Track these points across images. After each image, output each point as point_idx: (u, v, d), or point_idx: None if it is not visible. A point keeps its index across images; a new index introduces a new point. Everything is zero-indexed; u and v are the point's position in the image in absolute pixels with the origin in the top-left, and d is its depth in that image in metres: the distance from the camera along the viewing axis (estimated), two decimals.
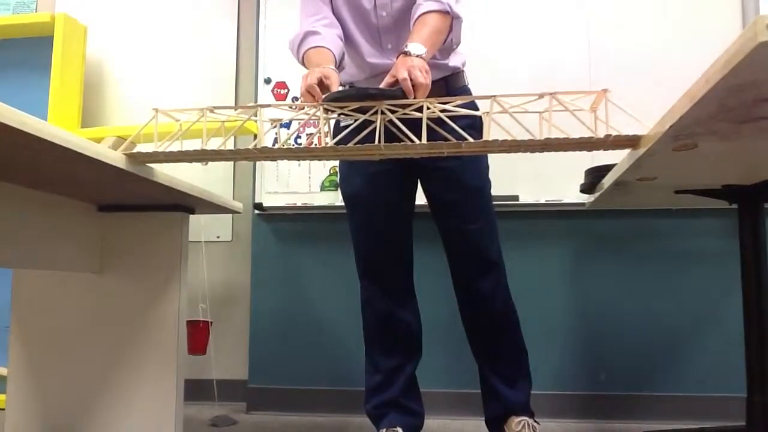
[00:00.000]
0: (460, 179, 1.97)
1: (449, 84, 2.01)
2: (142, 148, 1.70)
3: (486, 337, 2.04)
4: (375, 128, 1.45)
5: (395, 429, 1.96)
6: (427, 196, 2.07)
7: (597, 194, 2.11)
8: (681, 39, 2.55)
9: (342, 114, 1.54)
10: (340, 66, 1.91)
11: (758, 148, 1.35)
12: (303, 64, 1.94)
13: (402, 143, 1.46)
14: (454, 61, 2.03)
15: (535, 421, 1.98)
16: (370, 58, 1.98)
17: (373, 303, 2.06)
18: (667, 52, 2.53)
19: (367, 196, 2.02)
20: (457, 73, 2.04)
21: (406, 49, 1.70)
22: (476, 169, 2.01)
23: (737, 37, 0.85)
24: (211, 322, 2.55)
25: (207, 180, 2.48)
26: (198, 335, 2.50)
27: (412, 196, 2.10)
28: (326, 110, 1.54)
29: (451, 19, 1.86)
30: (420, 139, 1.42)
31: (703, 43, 2.44)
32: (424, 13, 1.81)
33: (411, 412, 2.04)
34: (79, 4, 3.04)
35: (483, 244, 2.00)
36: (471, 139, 1.44)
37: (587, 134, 1.40)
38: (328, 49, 1.87)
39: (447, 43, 1.93)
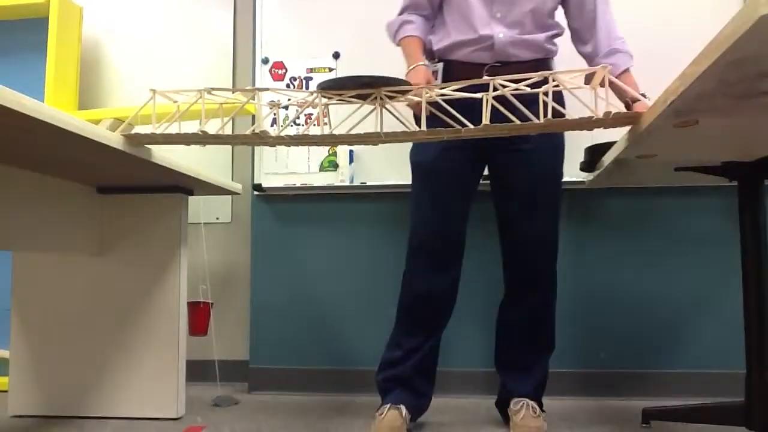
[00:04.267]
0: (528, 165, 2.00)
1: (539, 67, 1.97)
2: (140, 129, 1.70)
3: (520, 323, 2.09)
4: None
5: (398, 407, 1.97)
6: (491, 178, 2.10)
7: (597, 172, 2.10)
8: (680, 14, 2.53)
9: (341, 101, 1.54)
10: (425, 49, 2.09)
11: (759, 124, 1.34)
12: (398, 44, 2.13)
13: (402, 130, 1.45)
14: (549, 45, 2.06)
15: (541, 408, 2.01)
16: (478, 22, 2.01)
17: (416, 279, 2.06)
18: (667, 27, 2.51)
19: (436, 167, 2.03)
20: (548, 59, 2.08)
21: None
22: (549, 156, 2.03)
23: (738, 11, 0.84)
24: (212, 303, 2.55)
25: (205, 161, 2.48)
26: (199, 316, 2.51)
27: (478, 176, 2.11)
28: (324, 97, 1.53)
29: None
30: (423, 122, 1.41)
31: (703, 18, 2.42)
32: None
33: (418, 392, 2.05)
34: None
35: (541, 231, 2.04)
36: (470, 125, 1.43)
37: (587, 113, 1.39)
38: (419, 38, 2.07)
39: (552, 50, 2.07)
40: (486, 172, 2.12)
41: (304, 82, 2.72)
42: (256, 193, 2.75)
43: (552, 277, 2.09)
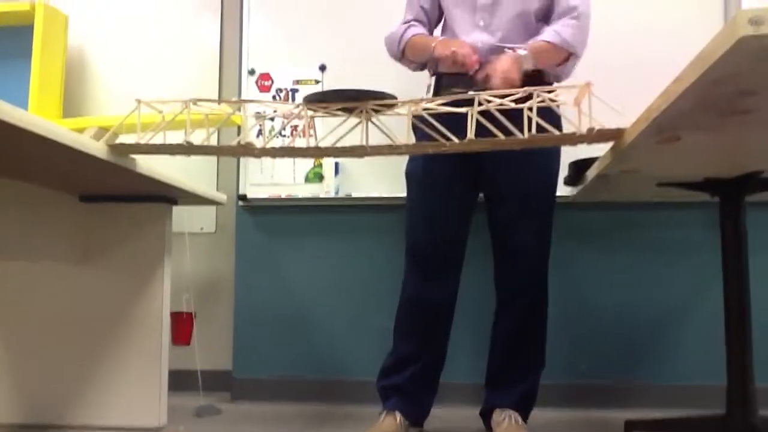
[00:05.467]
0: (517, 170, 1.98)
1: (531, 79, 1.97)
2: (124, 139, 1.69)
3: (509, 337, 2.07)
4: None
5: (394, 413, 1.98)
6: (482, 184, 2.09)
7: (581, 186, 2.12)
8: (662, 32, 2.55)
9: (326, 113, 1.54)
10: None
11: (740, 141, 1.36)
12: (402, 52, 2.13)
13: (387, 144, 1.46)
14: None
15: (524, 419, 2.01)
16: (460, 30, 2.03)
17: (407, 287, 2.07)
18: (649, 45, 2.54)
19: (424, 175, 2.04)
20: (540, 70, 2.04)
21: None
22: (541, 163, 2.01)
23: (719, 31, 0.86)
24: (195, 313, 2.54)
25: (190, 170, 2.47)
26: (182, 326, 2.50)
27: (470, 183, 2.08)
28: (310, 109, 1.54)
29: (567, 55, 2.00)
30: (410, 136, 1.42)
31: (685, 37, 2.44)
32: (542, 40, 1.97)
33: (416, 401, 2.05)
34: None
35: (530, 239, 2.02)
36: (455, 139, 1.44)
37: (571, 128, 1.41)
38: (428, 35, 2.11)
39: (555, 72, 2.04)
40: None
41: (290, 93, 2.72)
42: (240, 203, 2.74)
43: (542, 288, 2.07)
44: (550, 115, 1.48)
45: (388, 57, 2.19)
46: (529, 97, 1.43)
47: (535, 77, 2.01)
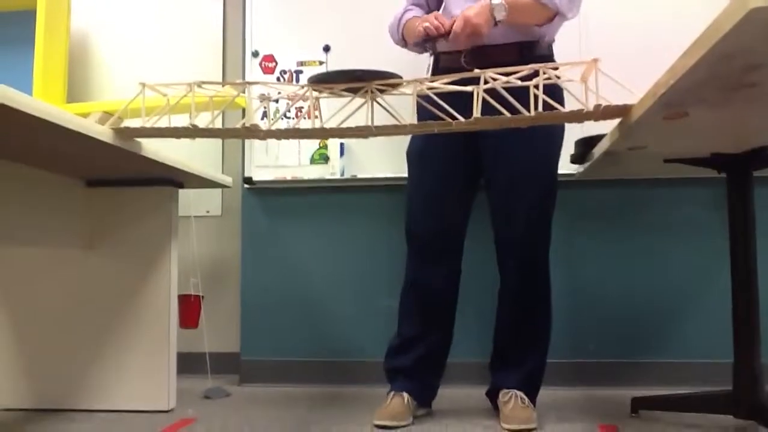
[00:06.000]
0: (518, 148, 1.96)
1: (524, 51, 1.98)
2: (129, 122, 1.69)
3: (513, 317, 2.07)
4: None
5: (401, 394, 1.99)
6: (483, 162, 2.06)
7: (587, 164, 2.11)
8: (671, 6, 2.53)
9: (331, 94, 1.54)
10: None
11: (747, 116, 1.35)
12: (402, 36, 2.12)
13: (392, 124, 1.46)
14: (535, 26, 2.00)
15: (530, 399, 2.00)
16: (456, 8, 1.98)
17: (409, 269, 2.09)
18: (657, 20, 2.52)
19: (423, 155, 2.04)
20: (535, 42, 2.01)
21: None
22: (542, 139, 1.98)
23: (728, 4, 0.85)
24: (203, 296, 2.55)
25: (195, 153, 2.47)
26: (190, 309, 2.50)
27: (471, 162, 2.06)
28: (314, 90, 1.53)
29: (553, 14, 1.94)
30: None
31: (693, 11, 2.42)
32: None
33: (422, 382, 2.07)
34: None
35: (531, 216, 2.02)
36: (461, 118, 1.44)
37: (578, 105, 1.40)
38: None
39: (538, 33, 1.99)
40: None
41: (294, 75, 2.71)
42: (246, 186, 2.74)
43: (544, 269, 2.07)
44: (554, 92, 1.47)
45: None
46: (535, 74, 1.42)
47: (531, 48, 1.99)
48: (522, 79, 1.44)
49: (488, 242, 2.11)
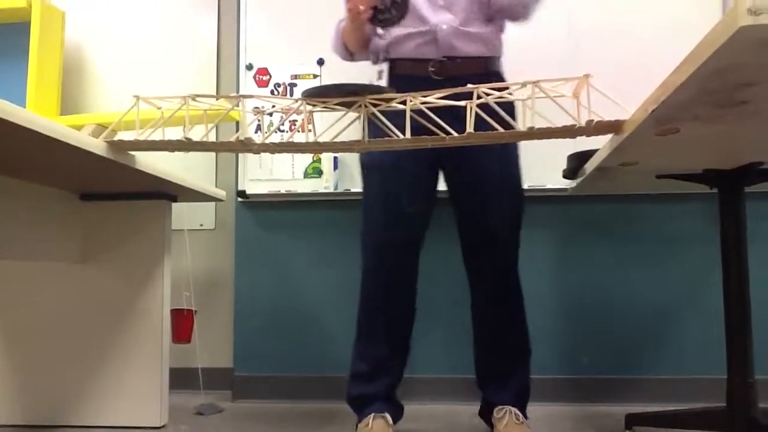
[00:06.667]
0: (482, 160, 1.96)
1: (488, 65, 2.02)
2: (123, 135, 1.69)
3: (491, 329, 2.05)
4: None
5: (383, 415, 1.96)
6: (447, 176, 2.06)
7: (580, 179, 2.12)
8: (662, 23, 2.55)
9: (325, 108, 1.54)
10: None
11: (739, 132, 1.36)
12: (344, 42, 2.11)
13: (386, 138, 1.46)
14: (496, 40, 2.05)
15: (524, 415, 1.99)
16: (421, 10, 1.98)
17: (369, 284, 2.04)
18: (649, 36, 2.54)
19: (386, 164, 1.97)
20: (497, 57, 2.06)
21: None
22: (500, 152, 1.97)
23: (718, 21, 0.85)
24: (196, 311, 2.54)
25: (189, 166, 2.47)
26: (183, 324, 2.49)
27: (434, 176, 2.05)
28: (308, 104, 1.53)
29: None
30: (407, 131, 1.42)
31: (684, 28, 2.44)
32: None
33: (394, 403, 2.04)
34: None
35: (498, 227, 2.00)
36: (454, 133, 1.44)
37: (570, 121, 1.40)
38: None
39: (500, 49, 2.04)
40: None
41: (288, 88, 2.71)
42: (240, 199, 2.74)
43: (515, 276, 2.04)
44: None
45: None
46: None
47: (494, 63, 2.03)
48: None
49: (451, 252, 2.10)
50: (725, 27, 0.83)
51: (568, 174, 2.15)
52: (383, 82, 1.97)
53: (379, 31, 2.06)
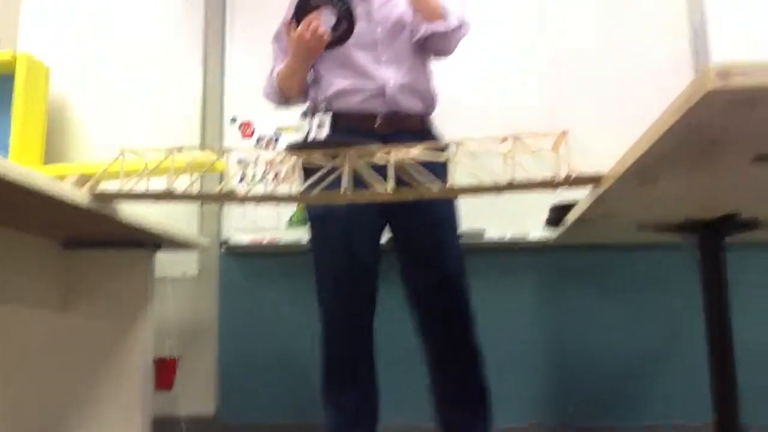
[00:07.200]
0: (428, 211, 1.97)
1: (425, 121, 2.07)
2: (106, 184, 1.69)
3: (447, 373, 2.02)
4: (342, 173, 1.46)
5: None
6: (393, 229, 2.06)
7: (562, 229, 2.14)
8: (636, 80, 2.62)
9: (309, 161, 1.55)
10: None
11: (715, 185, 1.39)
12: (280, 88, 2.09)
13: (369, 190, 1.47)
14: (433, 94, 2.10)
15: None
16: (366, 66, 2.01)
17: (332, 334, 2.02)
18: (624, 91, 2.60)
19: (338, 215, 1.94)
20: (430, 116, 2.10)
21: None
22: (444, 205, 2.02)
23: (689, 84, 0.88)
24: (178, 359, 2.51)
25: (173, 214, 2.47)
26: (165, 372, 2.47)
27: (383, 226, 2.07)
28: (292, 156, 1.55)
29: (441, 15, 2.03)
30: (389, 184, 1.44)
31: (657, 85, 2.51)
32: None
33: None
34: (41, 43, 3.01)
35: (453, 276, 2.00)
36: (435, 185, 1.46)
37: (550, 174, 1.42)
38: None
39: (433, 107, 2.08)
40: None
41: (272, 140, 2.74)
42: (223, 248, 2.74)
43: (467, 323, 2.01)
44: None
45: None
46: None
47: (429, 120, 2.08)
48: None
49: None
50: (695, 89, 0.85)
51: (550, 224, 2.17)
52: (324, 133, 1.96)
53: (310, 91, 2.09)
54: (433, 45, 2.09)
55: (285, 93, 2.10)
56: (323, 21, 1.89)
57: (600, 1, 2.76)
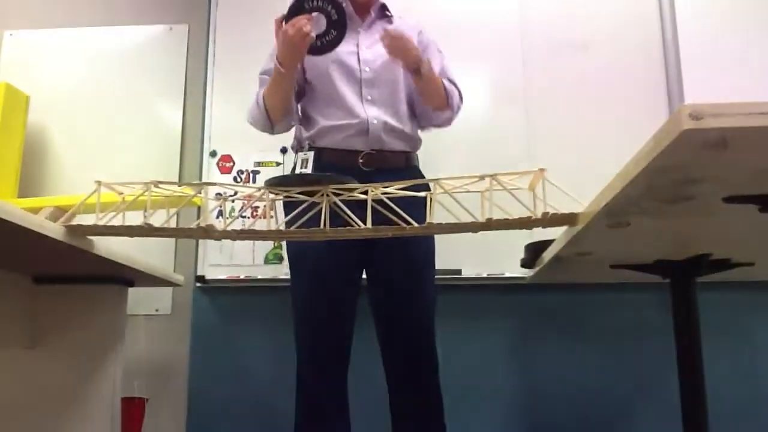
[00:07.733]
0: (403, 254, 1.99)
1: (408, 159, 2.09)
2: (81, 219, 1.67)
3: (412, 423, 2.01)
4: (321, 209, 1.47)
5: None
6: (369, 265, 2.06)
7: (537, 269, 2.15)
8: (612, 120, 2.68)
9: (287, 197, 1.55)
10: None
11: (687, 225, 1.41)
12: (265, 109, 2.05)
13: (347, 227, 1.48)
14: (417, 135, 2.14)
15: None
16: (349, 105, 2.03)
17: (305, 389, 2.00)
18: (600, 130, 2.66)
19: (314, 251, 1.94)
20: (415, 153, 2.13)
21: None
22: (422, 244, 2.03)
23: (662, 125, 0.91)
24: (147, 399, 2.46)
25: (147, 250, 2.44)
26: (133, 413, 2.41)
27: (361, 273, 2.07)
28: (271, 193, 1.55)
29: (446, 102, 2.10)
30: (366, 221, 1.44)
31: (634, 127, 2.56)
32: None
33: None
34: (22, 74, 3.01)
35: (423, 319, 2.00)
36: (414, 223, 1.47)
37: (526, 213, 1.44)
38: None
39: (418, 145, 2.13)
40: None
41: (251, 175, 2.74)
42: (198, 284, 2.71)
43: (433, 370, 2.01)
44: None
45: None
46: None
47: (413, 158, 2.11)
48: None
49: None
50: (669, 130, 0.88)
51: (526, 263, 2.18)
52: (308, 170, 1.97)
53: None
54: (430, 124, 2.18)
55: (269, 115, 2.06)
56: (314, 25, 1.89)
57: (580, 45, 2.82)
